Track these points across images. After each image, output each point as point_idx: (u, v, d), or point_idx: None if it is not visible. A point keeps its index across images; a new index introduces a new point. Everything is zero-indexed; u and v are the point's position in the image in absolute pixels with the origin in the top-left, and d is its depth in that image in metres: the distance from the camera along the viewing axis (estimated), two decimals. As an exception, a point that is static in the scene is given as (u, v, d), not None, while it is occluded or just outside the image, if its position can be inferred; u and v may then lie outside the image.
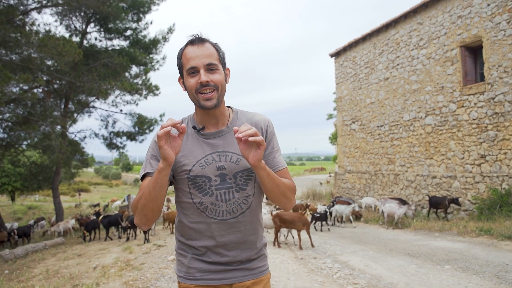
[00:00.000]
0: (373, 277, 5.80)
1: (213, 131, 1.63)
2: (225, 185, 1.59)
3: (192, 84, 1.52)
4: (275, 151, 1.68)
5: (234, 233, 1.61)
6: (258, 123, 1.68)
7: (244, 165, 1.59)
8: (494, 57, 10.28)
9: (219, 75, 1.55)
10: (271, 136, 1.68)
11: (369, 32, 15.18)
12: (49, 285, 5.94)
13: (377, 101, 14.95)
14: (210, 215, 1.60)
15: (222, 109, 1.63)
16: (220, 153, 1.60)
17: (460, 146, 11.34)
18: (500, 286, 4.99)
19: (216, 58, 1.56)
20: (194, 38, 1.57)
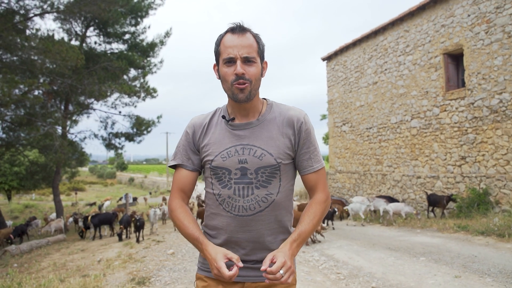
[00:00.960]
0: (355, 267, 6.42)
1: (242, 123, 1.60)
2: (245, 180, 1.54)
3: (228, 74, 1.50)
4: (310, 151, 1.60)
5: (248, 231, 1.56)
6: (290, 118, 1.60)
7: (268, 161, 1.54)
8: (473, 64, 10.95)
9: (256, 69, 1.52)
10: (306, 134, 1.60)
11: (359, 38, 15.82)
12: (60, 275, 6.50)
13: (366, 104, 15.61)
14: (227, 208, 1.57)
15: (255, 102, 1.59)
16: (244, 146, 1.56)
17: (443, 148, 12.01)
18: (464, 274, 5.62)
19: (255, 50, 1.52)
20: (236, 26, 1.52)
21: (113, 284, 5.69)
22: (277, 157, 1.54)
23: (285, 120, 1.59)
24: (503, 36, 10.11)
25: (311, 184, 1.63)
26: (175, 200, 1.64)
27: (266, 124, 1.59)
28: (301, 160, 1.60)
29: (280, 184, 1.57)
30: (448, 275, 5.62)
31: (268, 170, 1.54)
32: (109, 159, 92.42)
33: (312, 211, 1.58)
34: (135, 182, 65.76)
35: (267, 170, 1.54)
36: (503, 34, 10.11)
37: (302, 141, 1.59)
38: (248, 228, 1.55)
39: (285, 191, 1.60)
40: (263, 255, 1.53)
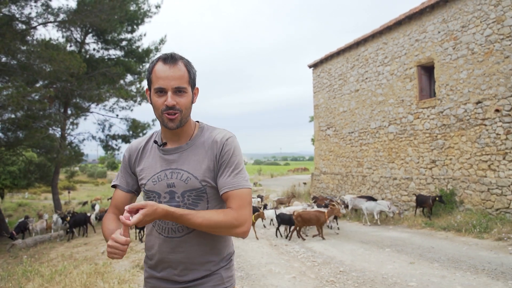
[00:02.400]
0: (328, 257, 7.45)
1: (172, 147, 1.64)
2: (173, 203, 1.58)
3: (159, 104, 1.54)
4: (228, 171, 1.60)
5: (179, 252, 1.59)
6: (215, 140, 1.63)
7: (192, 184, 1.58)
8: (443, 77, 12.06)
9: (186, 99, 1.56)
10: (227, 155, 1.61)
11: (343, 48, 16.88)
12: (71, 263, 7.43)
13: (348, 110, 16.69)
14: (158, 230, 1.62)
15: (186, 127, 1.64)
16: (173, 170, 1.61)
17: (416, 152, 13.12)
18: (418, 261, 6.69)
19: (186, 80, 1.56)
20: (167, 56, 1.56)
21: (121, 269, 6.64)
22: (202, 180, 1.58)
23: (211, 142, 1.63)
24: (467, 52, 11.23)
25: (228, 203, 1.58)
26: (108, 215, 1.72)
27: (195, 148, 1.64)
28: (219, 180, 1.60)
29: (208, 206, 1.61)
30: (405, 262, 6.68)
31: (194, 193, 1.59)
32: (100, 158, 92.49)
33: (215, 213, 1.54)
34: (126, 181, 65.65)
35: (192, 193, 1.58)
36: (467, 51, 11.23)
37: (222, 162, 1.60)
38: (178, 249, 1.59)
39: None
40: (196, 275, 1.59)
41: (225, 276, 1.66)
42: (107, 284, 5.27)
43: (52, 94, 12.21)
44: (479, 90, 10.87)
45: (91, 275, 5.99)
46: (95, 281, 5.69)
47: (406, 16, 13.28)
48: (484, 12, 10.72)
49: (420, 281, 5.36)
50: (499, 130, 10.32)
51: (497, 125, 10.39)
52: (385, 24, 14.50)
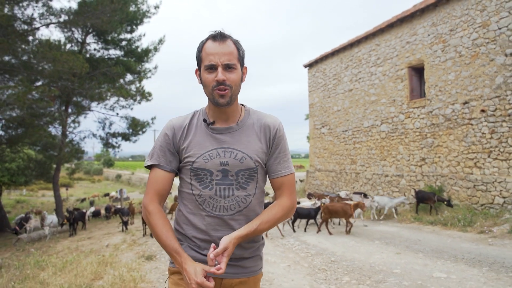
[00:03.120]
0: (321, 249, 7.94)
1: (223, 127, 1.66)
2: (226, 181, 1.61)
3: (209, 80, 1.56)
4: (280, 156, 1.69)
5: (228, 229, 1.61)
6: (267, 124, 1.69)
7: (248, 164, 1.62)
8: (432, 78, 12.57)
9: (236, 75, 1.58)
10: (279, 140, 1.69)
11: (337, 48, 17.36)
12: (79, 255, 7.88)
13: (342, 109, 17.19)
14: (207, 208, 1.62)
15: (235, 106, 1.66)
16: (226, 149, 1.62)
17: (407, 150, 13.63)
18: (404, 251, 7.19)
19: (236, 57, 1.58)
20: (216, 34, 1.58)
21: (127, 260, 7.11)
22: (256, 161, 1.63)
23: (262, 126, 1.68)
24: (455, 55, 11.73)
25: (277, 188, 1.70)
26: (153, 204, 1.66)
27: (245, 129, 1.67)
28: (271, 164, 1.68)
29: (257, 186, 1.66)
30: (391, 253, 7.18)
31: (248, 173, 1.62)
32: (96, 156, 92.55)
33: (273, 211, 1.64)
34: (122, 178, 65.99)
35: (246, 172, 1.62)
36: (455, 53, 11.73)
37: (275, 147, 1.67)
38: (228, 227, 1.61)
39: (260, 192, 1.69)
40: (241, 252, 1.63)
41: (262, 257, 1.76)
42: (116, 272, 5.73)
43: (56, 93, 12.61)
44: (466, 91, 11.39)
45: (100, 264, 6.45)
46: (104, 269, 6.15)
47: (397, 19, 13.77)
48: (471, 16, 11.22)
49: (403, 269, 5.86)
50: (484, 130, 10.84)
51: (482, 124, 10.91)
52: (377, 26, 15.00)
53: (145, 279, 5.54)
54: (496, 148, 10.54)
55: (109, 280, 5.29)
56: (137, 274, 5.61)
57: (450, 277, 5.27)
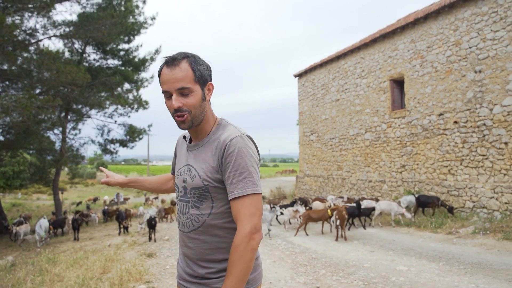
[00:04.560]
0: (305, 248, 8.81)
1: (193, 144, 1.67)
2: (184, 198, 1.63)
3: (168, 107, 1.55)
4: (232, 175, 1.49)
5: (188, 247, 1.62)
6: (220, 140, 1.56)
7: (196, 182, 1.57)
8: (411, 91, 13.54)
9: (193, 98, 1.52)
10: (231, 157, 1.50)
11: (326, 60, 18.32)
12: (87, 252, 8.68)
13: (330, 118, 18.13)
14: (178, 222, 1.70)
15: (203, 125, 1.62)
16: (189, 166, 1.63)
17: (389, 158, 14.58)
18: (377, 250, 8.08)
19: (190, 79, 1.51)
20: (168, 59, 1.53)
21: (130, 257, 7.93)
22: (204, 179, 1.55)
23: (218, 141, 1.57)
24: (432, 70, 12.71)
25: (233, 214, 1.52)
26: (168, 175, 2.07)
27: (207, 145, 1.61)
28: (227, 185, 1.52)
29: (213, 206, 1.56)
30: (366, 251, 8.07)
31: (198, 191, 1.57)
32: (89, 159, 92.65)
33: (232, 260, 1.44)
34: (116, 182, 65.95)
35: (197, 191, 1.57)
36: (432, 69, 12.72)
37: (225, 165, 1.52)
38: (189, 244, 1.61)
39: (221, 214, 1.56)
40: (205, 271, 1.57)
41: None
42: (123, 266, 6.55)
43: (60, 103, 13.39)
44: (441, 104, 12.37)
45: (107, 260, 7.27)
46: (111, 264, 6.97)
47: (380, 35, 14.76)
48: (445, 35, 12.22)
49: (373, 264, 6.75)
50: (457, 139, 11.81)
51: (455, 135, 11.88)
52: (362, 40, 15.99)
53: (148, 272, 6.38)
54: (467, 156, 11.51)
55: (117, 273, 6.10)
56: (142, 268, 6.44)
57: (410, 269, 6.17)
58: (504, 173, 10.49)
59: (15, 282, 6.32)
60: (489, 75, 10.86)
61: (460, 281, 5.33)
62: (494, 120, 10.74)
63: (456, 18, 11.87)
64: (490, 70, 10.84)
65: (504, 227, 8.69)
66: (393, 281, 5.50)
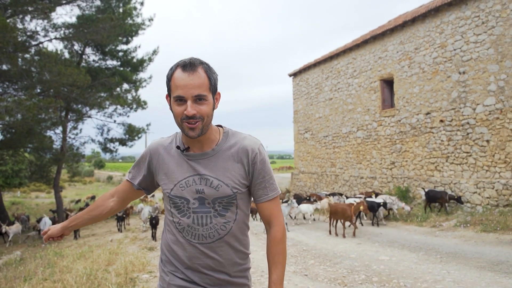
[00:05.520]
0: (297, 241, 9.35)
1: (197, 153, 1.61)
2: (203, 209, 1.58)
3: (178, 112, 1.50)
4: (266, 180, 1.63)
5: (209, 257, 1.59)
6: (245, 148, 1.61)
7: (224, 192, 1.57)
8: (400, 90, 14.08)
9: (207, 107, 1.51)
10: (261, 164, 1.62)
11: (319, 60, 18.83)
12: (91, 246, 9.20)
13: (323, 116, 18.67)
14: (187, 236, 1.60)
15: (208, 134, 1.60)
16: (201, 176, 1.58)
17: (379, 155, 15.14)
18: (364, 242, 8.63)
19: (207, 87, 1.50)
20: (186, 64, 1.50)
21: (132, 250, 8.45)
22: (233, 187, 1.58)
23: (240, 149, 1.60)
24: (419, 71, 13.25)
25: (266, 213, 1.66)
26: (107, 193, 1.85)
27: (221, 154, 1.61)
28: (257, 189, 1.63)
29: (237, 211, 1.61)
30: (354, 243, 8.62)
31: (225, 200, 1.58)
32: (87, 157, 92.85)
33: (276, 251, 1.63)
34: (114, 180, 66.19)
35: (224, 200, 1.57)
36: (419, 69, 13.26)
37: (258, 172, 1.61)
38: (208, 255, 1.59)
39: (242, 218, 1.64)
40: (224, 278, 1.62)
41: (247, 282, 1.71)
42: (127, 258, 7.07)
43: (62, 104, 13.84)
44: (428, 103, 12.92)
45: (111, 253, 7.79)
46: (115, 257, 7.49)
47: (371, 36, 15.28)
48: (432, 38, 12.75)
49: (358, 254, 7.30)
50: (443, 137, 12.37)
51: (441, 133, 12.44)
52: (354, 41, 16.52)
53: (150, 263, 6.90)
54: (452, 154, 12.07)
55: (121, 265, 6.62)
56: (144, 260, 6.97)
57: (391, 259, 6.72)
58: (486, 169, 11.07)
59: (27, 274, 6.82)
60: (472, 76, 11.42)
61: (434, 269, 5.87)
62: (477, 119, 11.30)
63: (441, 22, 12.40)
64: (473, 72, 11.39)
65: (483, 220, 9.26)
66: (374, 269, 6.04)
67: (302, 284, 5.36)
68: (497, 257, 6.34)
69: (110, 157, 20.33)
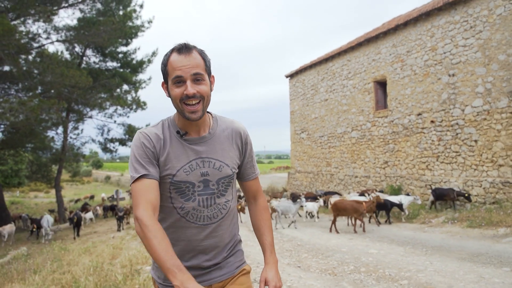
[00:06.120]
0: (292, 237, 9.76)
1: (196, 137, 1.64)
2: (208, 191, 1.63)
3: (177, 94, 1.53)
4: (253, 159, 1.81)
5: (213, 237, 1.65)
6: (238, 130, 1.74)
7: (226, 172, 1.66)
8: (393, 92, 14.52)
9: (205, 86, 1.55)
10: (250, 145, 1.78)
11: (315, 61, 19.26)
12: (95, 242, 9.59)
13: (319, 117, 19.10)
14: (191, 219, 1.62)
15: (204, 118, 1.64)
16: (204, 159, 1.62)
17: (373, 154, 15.57)
18: (356, 238, 9.05)
19: (203, 67, 1.55)
20: (181, 46, 1.55)
21: (135, 245, 8.84)
22: (232, 167, 1.69)
23: (233, 132, 1.73)
24: (411, 73, 13.69)
25: (253, 189, 1.85)
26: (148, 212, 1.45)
27: (218, 137, 1.69)
28: (247, 167, 1.79)
29: (233, 190, 1.73)
30: (345, 239, 9.04)
31: (227, 180, 1.67)
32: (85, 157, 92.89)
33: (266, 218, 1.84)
34: (112, 180, 66.18)
35: (226, 180, 1.66)
36: (411, 72, 13.69)
37: (248, 152, 1.78)
38: (213, 235, 1.65)
39: (235, 195, 1.77)
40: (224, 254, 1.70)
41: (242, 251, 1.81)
42: (130, 252, 7.47)
43: (65, 106, 14.23)
44: (419, 104, 13.35)
45: (115, 248, 8.19)
46: (119, 252, 7.89)
47: (365, 39, 15.71)
48: (423, 41, 13.19)
49: (349, 248, 7.72)
50: (434, 137, 12.81)
51: (432, 133, 12.88)
52: (349, 43, 16.96)
53: (153, 257, 7.30)
54: (442, 153, 12.51)
55: (125, 258, 7.02)
56: (146, 254, 7.36)
57: (380, 252, 7.14)
58: (474, 168, 11.51)
59: (36, 267, 7.22)
60: (461, 78, 11.86)
61: (419, 260, 6.29)
62: (466, 119, 11.74)
63: (432, 25, 12.84)
64: (462, 74, 11.83)
65: (470, 217, 9.69)
66: (362, 261, 6.46)
67: (295, 274, 5.78)
68: (478, 250, 6.76)
69: (110, 157, 20.71)
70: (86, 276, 5.68)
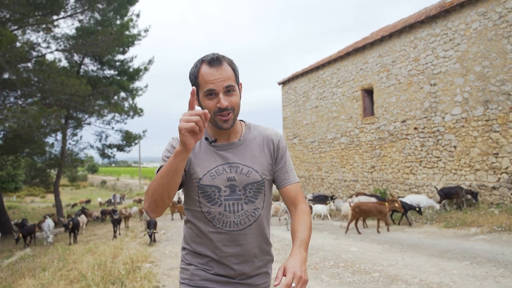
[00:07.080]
0: (282, 238, 10.37)
1: (225, 143, 1.67)
2: (234, 196, 1.62)
3: (211, 106, 1.55)
4: (287, 165, 1.73)
5: (238, 245, 1.63)
6: (269, 136, 1.73)
7: (254, 177, 1.64)
8: (379, 100, 15.24)
9: (236, 97, 1.58)
10: (284, 151, 1.74)
11: (306, 69, 19.98)
12: (96, 242, 10.17)
13: (310, 123, 19.80)
14: (218, 225, 1.62)
15: (234, 126, 1.67)
16: (231, 164, 1.63)
17: (361, 159, 16.27)
18: (341, 237, 9.71)
19: (233, 79, 1.58)
20: (212, 59, 1.56)
21: (134, 246, 9.45)
22: (262, 173, 1.66)
23: (264, 139, 1.72)
24: (396, 82, 14.42)
25: (292, 195, 1.70)
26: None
27: (248, 143, 1.70)
28: (280, 173, 1.71)
29: (264, 198, 1.68)
30: (331, 238, 9.69)
31: (255, 186, 1.64)
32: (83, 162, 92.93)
33: (304, 219, 1.63)
34: (107, 184, 66.07)
35: (254, 186, 1.64)
36: (396, 81, 14.42)
37: (280, 157, 1.72)
38: (239, 242, 1.62)
39: (268, 205, 1.71)
40: (250, 268, 1.65)
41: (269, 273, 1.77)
42: (131, 251, 8.08)
43: (66, 113, 14.82)
44: (403, 112, 14.07)
45: (116, 248, 8.79)
46: (120, 251, 8.50)
47: (353, 49, 16.45)
48: (407, 52, 13.93)
49: (333, 247, 8.37)
50: (417, 143, 13.52)
51: (415, 139, 13.59)
52: (338, 52, 17.70)
53: (151, 256, 7.92)
54: (425, 158, 13.22)
55: (126, 257, 7.63)
56: (146, 253, 7.98)
57: (359, 250, 7.80)
58: (453, 172, 12.22)
59: (43, 266, 7.81)
60: (441, 88, 12.59)
61: (393, 256, 6.96)
62: (446, 126, 12.46)
63: (415, 37, 13.59)
64: (442, 84, 12.56)
65: (447, 218, 10.38)
66: (342, 258, 7.12)
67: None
68: (447, 247, 7.44)
69: (108, 162, 21.27)
70: (92, 272, 6.29)
